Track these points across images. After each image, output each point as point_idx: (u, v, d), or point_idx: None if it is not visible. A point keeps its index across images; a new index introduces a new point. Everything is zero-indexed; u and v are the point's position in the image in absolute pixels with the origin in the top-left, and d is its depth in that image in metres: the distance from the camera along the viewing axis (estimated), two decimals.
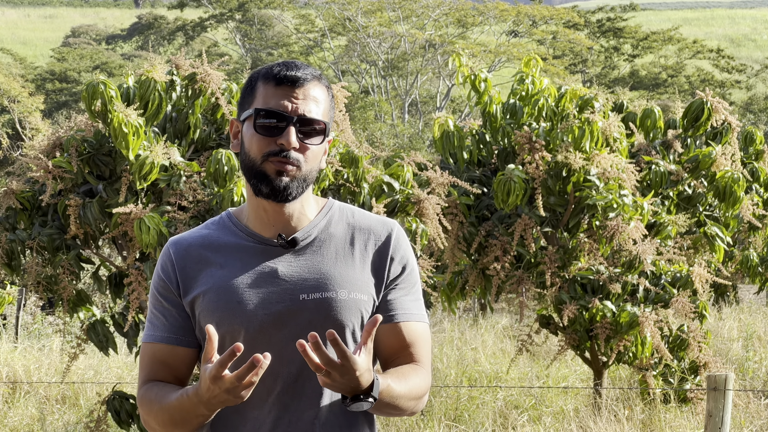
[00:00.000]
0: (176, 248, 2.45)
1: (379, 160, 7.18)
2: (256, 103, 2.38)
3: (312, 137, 2.37)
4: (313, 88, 2.38)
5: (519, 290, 7.46)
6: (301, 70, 2.38)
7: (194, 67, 6.14)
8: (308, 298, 2.38)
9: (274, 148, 2.34)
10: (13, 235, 5.99)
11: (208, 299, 2.38)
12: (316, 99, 2.38)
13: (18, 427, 8.26)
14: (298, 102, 2.36)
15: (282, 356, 2.36)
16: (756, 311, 13.88)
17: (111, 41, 62.70)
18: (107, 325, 6.12)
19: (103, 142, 5.94)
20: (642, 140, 8.27)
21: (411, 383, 2.39)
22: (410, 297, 2.47)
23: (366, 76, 46.01)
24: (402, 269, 2.46)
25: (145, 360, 2.45)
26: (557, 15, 46.20)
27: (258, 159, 2.36)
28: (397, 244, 2.47)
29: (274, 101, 2.36)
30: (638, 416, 7.72)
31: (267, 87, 2.38)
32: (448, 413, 8.16)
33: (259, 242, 2.42)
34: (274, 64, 2.41)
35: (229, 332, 2.37)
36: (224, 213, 2.51)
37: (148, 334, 2.46)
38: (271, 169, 2.35)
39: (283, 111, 2.35)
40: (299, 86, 2.37)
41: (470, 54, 7.90)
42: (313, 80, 2.39)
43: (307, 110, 2.36)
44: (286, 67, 2.39)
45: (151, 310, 2.46)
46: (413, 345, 2.44)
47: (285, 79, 2.36)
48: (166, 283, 2.44)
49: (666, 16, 79.22)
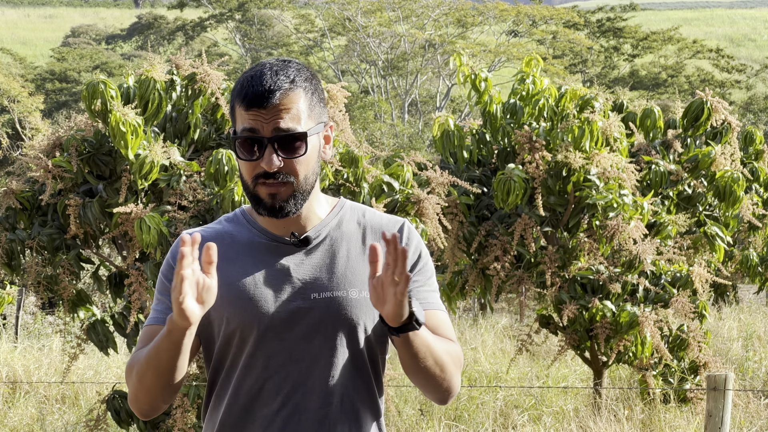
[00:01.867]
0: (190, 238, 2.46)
1: (379, 159, 7.18)
2: (236, 124, 2.36)
3: (294, 150, 2.33)
4: (284, 98, 2.32)
5: (519, 290, 7.46)
6: (266, 85, 2.31)
7: (194, 67, 6.14)
8: (319, 297, 2.38)
9: (260, 170, 2.33)
10: (13, 235, 5.99)
11: (220, 294, 2.35)
12: (288, 109, 2.32)
13: (18, 427, 8.26)
14: (269, 120, 2.31)
15: (292, 355, 2.36)
16: (756, 311, 13.88)
17: (111, 41, 62.71)
18: (107, 325, 6.12)
19: (103, 142, 5.94)
20: (642, 140, 8.27)
21: (442, 340, 2.39)
22: (426, 287, 2.46)
23: (366, 76, 46.02)
24: (417, 259, 2.45)
25: (143, 340, 2.43)
26: (557, 15, 46.21)
27: (249, 182, 2.35)
28: (410, 236, 2.47)
29: (247, 124, 2.32)
30: (638, 416, 7.72)
31: (240, 109, 2.34)
32: (448, 413, 8.16)
33: (272, 240, 2.42)
34: (245, 78, 2.34)
35: (240, 328, 2.37)
36: (238, 210, 2.50)
37: (150, 317, 2.44)
38: (264, 193, 2.34)
39: (256, 134, 2.31)
40: (267, 104, 2.30)
41: (470, 54, 7.90)
42: (284, 93, 2.32)
43: (282, 124, 2.31)
44: (252, 84, 2.31)
45: (157, 296, 2.45)
46: (436, 329, 2.43)
47: (253, 102, 2.31)
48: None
49: (666, 16, 79.22)
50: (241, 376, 2.39)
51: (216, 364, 2.44)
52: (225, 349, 2.41)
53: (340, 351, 2.38)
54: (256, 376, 2.37)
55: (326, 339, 2.38)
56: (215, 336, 2.42)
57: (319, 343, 2.37)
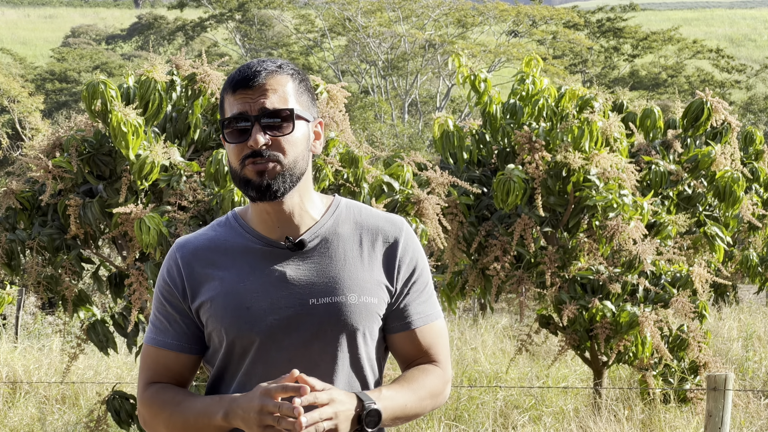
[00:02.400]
0: (183, 252, 2.42)
1: (379, 160, 7.18)
2: (224, 113, 2.37)
3: (281, 128, 2.33)
4: (270, 80, 2.34)
5: (519, 290, 7.46)
6: (254, 68, 2.34)
7: (194, 68, 6.14)
8: (318, 303, 2.35)
9: (247, 151, 2.32)
10: (13, 235, 5.99)
11: (217, 304, 2.36)
12: (275, 89, 2.33)
13: (18, 427, 8.26)
14: (255, 100, 2.32)
15: (292, 361, 2.34)
16: (756, 311, 13.88)
17: (111, 41, 62.71)
18: (107, 325, 6.12)
19: (103, 142, 5.94)
20: (642, 140, 8.27)
21: (418, 385, 2.39)
22: (422, 298, 2.45)
23: (366, 76, 46.02)
24: (412, 271, 2.44)
25: (148, 363, 2.43)
26: (557, 15, 46.21)
27: (237, 166, 2.33)
28: (406, 246, 2.44)
29: (235, 108, 2.33)
30: (638, 416, 7.72)
31: (228, 97, 2.35)
32: (448, 413, 8.16)
33: (267, 244, 2.39)
34: (234, 71, 2.39)
35: (239, 338, 2.36)
36: (230, 213, 2.48)
37: (151, 337, 2.44)
38: (251, 172, 2.32)
39: (243, 116, 2.32)
40: (254, 84, 2.33)
41: (470, 54, 7.91)
42: (269, 73, 2.34)
43: (267, 104, 2.32)
44: (240, 71, 2.35)
45: (155, 313, 2.44)
46: (431, 347, 2.45)
47: (239, 83, 2.33)
48: (172, 288, 2.41)
49: (666, 17, 79.21)
50: (242, 383, 2.38)
51: (218, 372, 2.43)
52: (227, 358, 2.40)
53: (339, 356, 2.37)
54: (256, 383, 2.35)
55: (325, 345, 2.36)
56: (217, 345, 2.41)
57: (319, 349, 2.36)
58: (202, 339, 2.43)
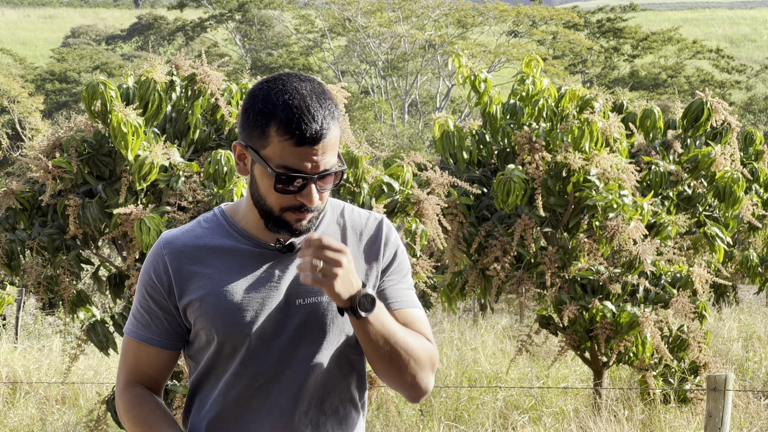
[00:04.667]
0: (170, 249, 2.39)
1: (379, 160, 7.18)
2: (272, 154, 2.26)
3: (332, 184, 2.32)
4: (329, 134, 2.26)
5: (519, 290, 7.46)
6: (318, 121, 2.23)
7: (194, 68, 6.14)
8: (304, 303, 2.37)
9: (295, 203, 2.29)
10: (13, 236, 5.99)
11: (207, 304, 2.35)
12: (333, 145, 2.28)
13: (18, 428, 8.26)
14: (318, 159, 2.25)
15: (280, 360, 2.36)
16: (756, 311, 13.87)
17: (111, 42, 62.73)
18: (107, 325, 6.12)
19: (102, 143, 5.94)
20: (642, 140, 8.27)
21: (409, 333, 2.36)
22: (402, 285, 2.45)
23: (366, 76, 46.03)
24: (393, 256, 2.45)
25: (129, 356, 2.44)
26: (557, 15, 46.24)
27: (276, 210, 2.31)
28: (388, 233, 2.45)
29: (292, 160, 2.24)
30: (638, 416, 7.72)
31: (284, 143, 2.23)
32: (448, 413, 8.16)
33: (256, 245, 2.39)
34: (289, 109, 2.23)
35: (230, 339, 2.36)
36: (217, 210, 2.45)
37: (133, 330, 2.43)
38: (293, 219, 2.30)
39: (304, 172, 2.25)
40: (319, 143, 2.25)
41: (470, 54, 7.92)
42: (329, 129, 2.26)
43: (327, 164, 2.27)
44: (304, 121, 2.22)
45: (137, 306, 2.43)
46: (411, 324, 2.41)
47: (305, 140, 2.23)
48: (157, 285, 2.39)
49: (666, 17, 79.24)
50: (231, 382, 2.38)
51: (204, 369, 2.42)
52: (215, 357, 2.39)
53: (325, 354, 2.38)
54: (245, 383, 2.36)
55: (312, 343, 2.37)
56: (204, 344, 2.40)
57: (306, 347, 2.37)
58: (183, 335, 2.44)
